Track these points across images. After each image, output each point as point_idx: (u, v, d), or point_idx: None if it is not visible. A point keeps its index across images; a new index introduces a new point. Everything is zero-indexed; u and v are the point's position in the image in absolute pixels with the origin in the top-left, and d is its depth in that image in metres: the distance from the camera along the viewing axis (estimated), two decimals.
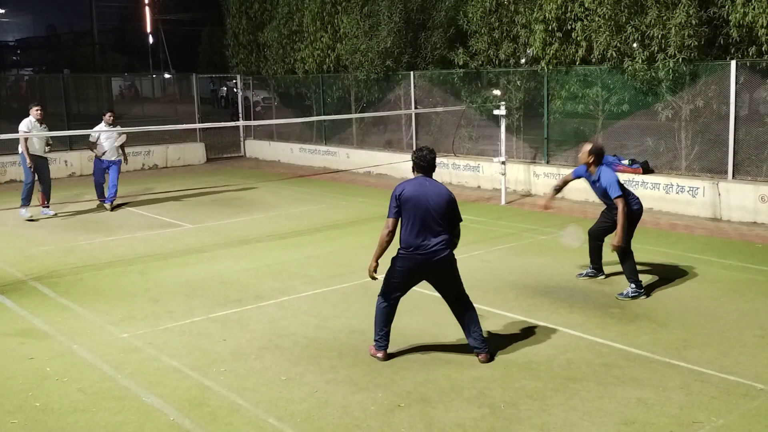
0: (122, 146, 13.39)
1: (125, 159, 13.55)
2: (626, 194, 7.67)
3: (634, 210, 7.75)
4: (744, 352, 6.13)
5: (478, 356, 5.99)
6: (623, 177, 12.74)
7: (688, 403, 5.19)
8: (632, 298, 7.56)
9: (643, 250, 9.59)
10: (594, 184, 7.79)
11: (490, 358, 6.00)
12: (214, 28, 32.97)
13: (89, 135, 13.37)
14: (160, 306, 7.62)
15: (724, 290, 7.85)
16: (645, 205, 12.25)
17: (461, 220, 6.03)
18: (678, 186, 12.11)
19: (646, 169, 12.73)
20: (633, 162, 12.84)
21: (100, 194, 13.38)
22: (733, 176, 11.74)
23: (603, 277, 8.28)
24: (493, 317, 7.11)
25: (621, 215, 7.42)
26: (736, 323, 6.82)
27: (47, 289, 8.34)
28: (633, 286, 7.63)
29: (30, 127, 12.23)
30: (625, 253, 7.63)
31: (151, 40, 46.22)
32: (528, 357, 6.09)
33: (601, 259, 8.28)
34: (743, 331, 6.62)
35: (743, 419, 4.95)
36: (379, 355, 6.08)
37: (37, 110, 12.39)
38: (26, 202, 12.48)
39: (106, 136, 13.03)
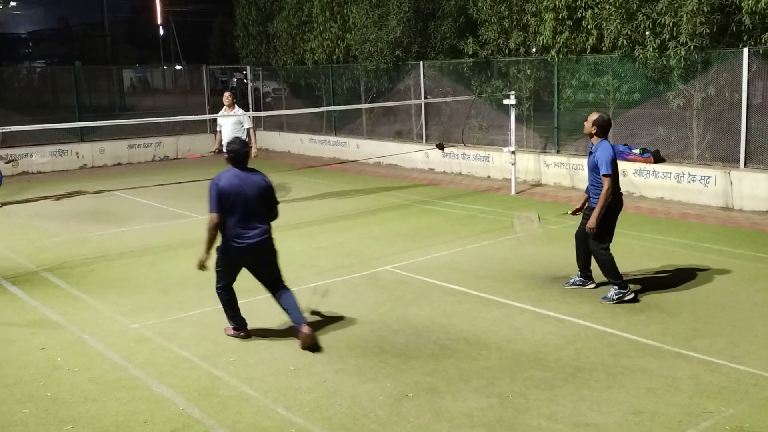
0: None
1: None
2: (615, 177, 7.05)
3: (615, 204, 7.13)
4: (755, 341, 6.09)
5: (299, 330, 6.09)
6: (634, 166, 12.70)
7: (697, 393, 5.17)
8: (617, 301, 7.06)
9: (653, 240, 9.56)
10: (590, 155, 7.22)
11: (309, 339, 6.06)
12: (224, 20, 32.95)
13: None
14: (171, 296, 7.67)
15: (735, 280, 7.80)
16: (656, 194, 12.40)
17: (278, 203, 6.38)
18: (689, 175, 12.02)
19: (658, 158, 12.64)
20: (644, 151, 12.76)
21: None
22: (745, 165, 11.64)
23: (593, 286, 7.51)
24: (502, 307, 7.10)
25: (603, 195, 6.92)
26: (747, 313, 6.78)
27: (59, 279, 8.40)
28: (615, 288, 7.10)
29: (220, 116, 12.87)
30: (601, 251, 7.11)
31: (162, 31, 46.28)
32: (536, 347, 6.08)
33: (590, 268, 7.52)
34: (754, 320, 6.58)
35: (753, 409, 4.92)
36: (242, 333, 6.40)
37: (227, 96, 12.89)
38: None
39: None
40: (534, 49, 14.72)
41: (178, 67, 29.05)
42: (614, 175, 7.04)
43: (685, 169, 12.13)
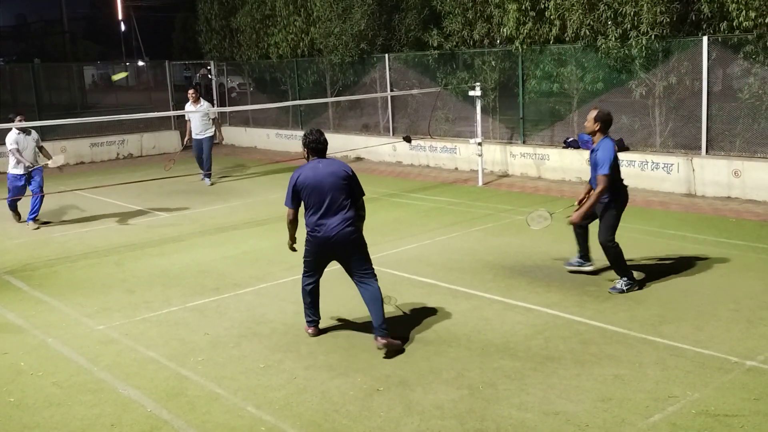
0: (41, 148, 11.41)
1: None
2: (616, 178, 7.05)
3: (621, 199, 7.18)
4: (718, 326, 6.20)
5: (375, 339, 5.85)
6: None
7: (663, 378, 5.24)
8: (625, 291, 7.08)
9: (618, 227, 9.64)
10: (591, 153, 7.17)
11: (392, 347, 5.80)
12: (186, 14, 32.55)
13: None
14: (137, 296, 7.56)
15: (699, 265, 7.92)
16: None
17: (363, 194, 6.14)
18: (653, 163, 12.18)
19: (621, 147, 12.77)
20: None
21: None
22: (706, 152, 11.83)
23: (590, 267, 7.61)
24: (471, 298, 7.12)
25: (596, 194, 6.96)
26: (711, 297, 6.89)
27: (21, 282, 8.23)
28: (624, 280, 7.13)
29: (188, 111, 14.87)
30: (609, 244, 7.10)
31: (123, 27, 45.55)
32: (506, 337, 6.11)
33: (588, 248, 7.61)
34: (718, 305, 6.69)
35: (718, 392, 5.00)
36: (310, 330, 6.27)
37: (191, 93, 14.76)
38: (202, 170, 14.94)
39: (25, 145, 11.07)
40: (498, 41, 14.78)
41: (140, 64, 28.61)
42: (615, 174, 7.02)
43: (648, 157, 12.28)
